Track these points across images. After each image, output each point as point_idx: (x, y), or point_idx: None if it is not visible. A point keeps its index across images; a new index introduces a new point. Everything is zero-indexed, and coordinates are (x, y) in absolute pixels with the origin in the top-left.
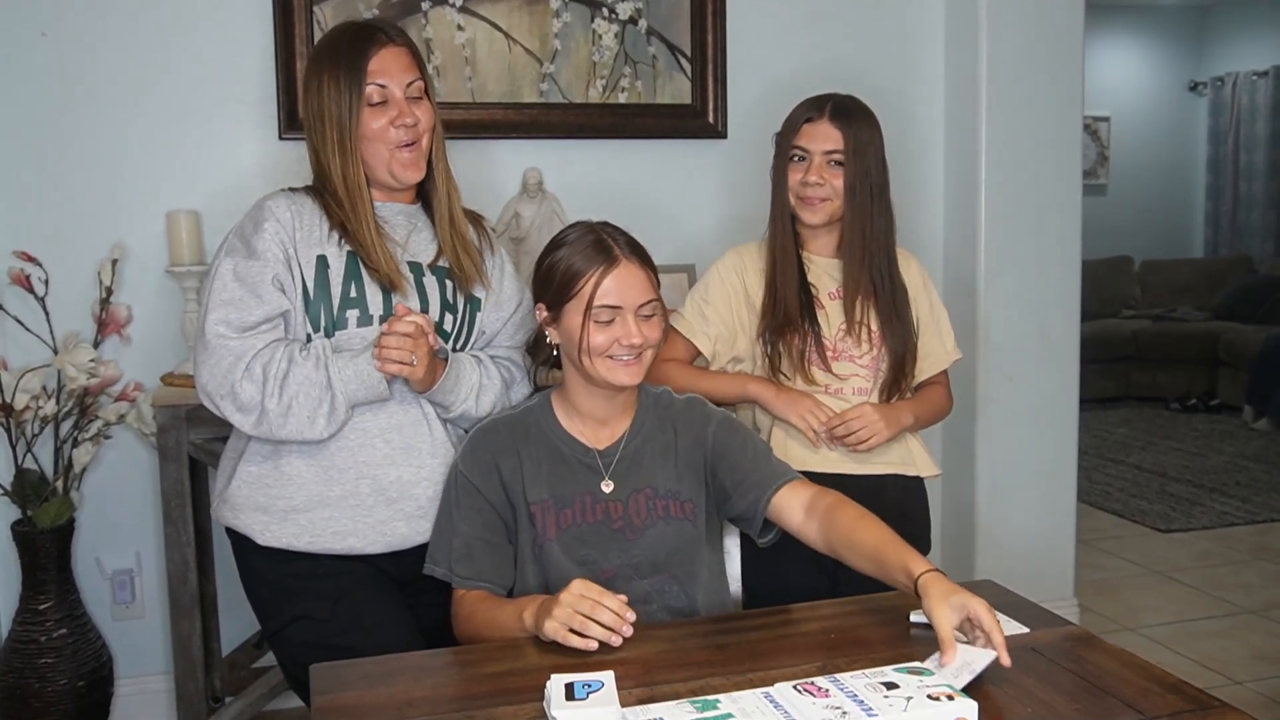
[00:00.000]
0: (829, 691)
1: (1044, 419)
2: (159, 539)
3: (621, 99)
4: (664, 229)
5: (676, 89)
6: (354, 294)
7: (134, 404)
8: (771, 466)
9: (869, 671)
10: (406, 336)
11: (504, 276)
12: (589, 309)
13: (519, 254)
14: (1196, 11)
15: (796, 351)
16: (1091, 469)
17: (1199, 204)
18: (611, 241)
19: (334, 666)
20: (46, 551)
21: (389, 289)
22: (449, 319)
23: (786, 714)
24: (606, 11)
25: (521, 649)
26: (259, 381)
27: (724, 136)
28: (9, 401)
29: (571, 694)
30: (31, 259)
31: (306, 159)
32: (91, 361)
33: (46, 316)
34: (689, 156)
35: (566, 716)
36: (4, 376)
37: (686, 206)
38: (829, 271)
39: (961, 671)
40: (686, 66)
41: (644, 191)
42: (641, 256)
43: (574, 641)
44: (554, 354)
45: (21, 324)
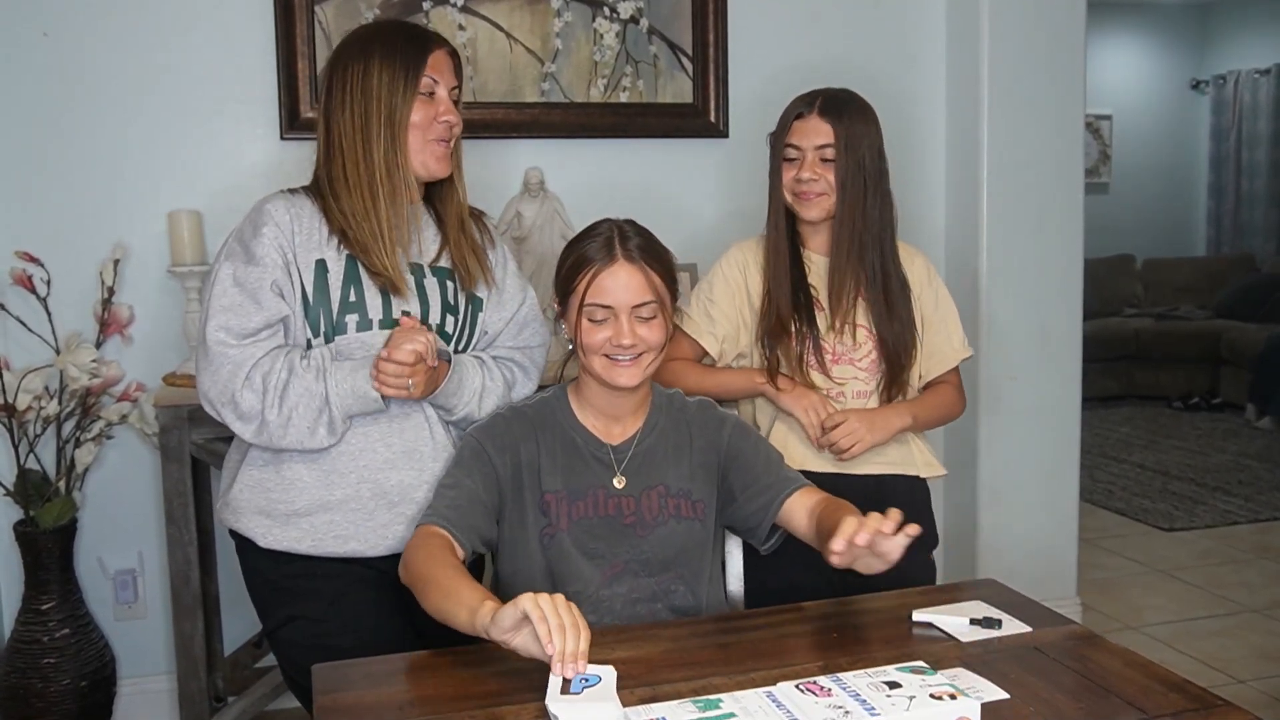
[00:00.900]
0: (831, 691)
1: (1046, 418)
2: (161, 539)
3: (623, 98)
4: (666, 228)
5: (678, 88)
6: (353, 298)
7: (136, 404)
8: (784, 472)
9: (871, 671)
10: (404, 365)
11: (506, 274)
12: (582, 305)
13: (520, 253)
14: (1198, 9)
15: (794, 355)
16: (1094, 468)
17: (1201, 202)
18: (618, 240)
19: (336, 666)
20: (49, 552)
21: (390, 292)
22: (450, 320)
23: (789, 713)
24: (608, 11)
25: None
26: (259, 392)
27: (725, 136)
28: (11, 402)
29: (569, 688)
30: (33, 259)
31: (309, 159)
32: (93, 362)
33: (48, 317)
34: (690, 156)
35: (564, 709)
36: (6, 377)
37: (688, 206)
38: (827, 270)
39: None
40: (688, 66)
41: (645, 191)
42: (650, 257)
43: (523, 632)
44: (570, 346)
45: (23, 324)
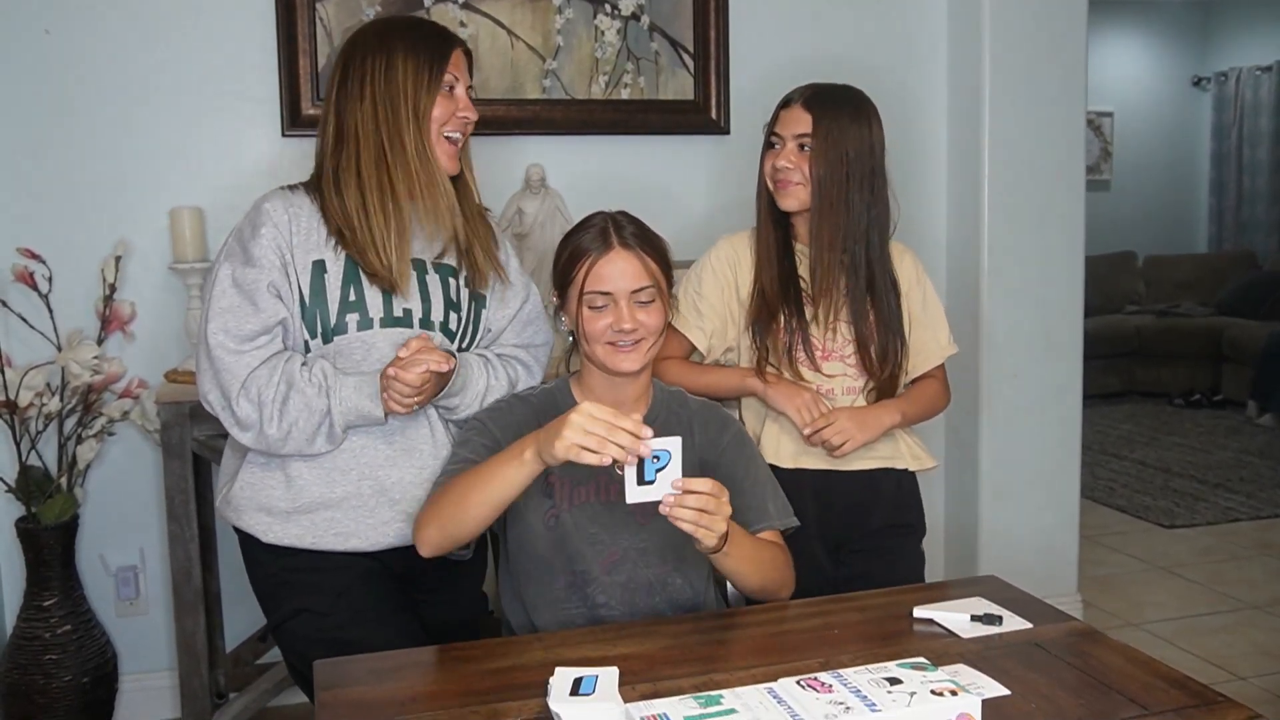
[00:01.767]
0: (832, 687)
1: (1047, 415)
2: (163, 535)
3: (624, 95)
4: (667, 224)
5: (679, 85)
6: (353, 297)
7: (137, 400)
8: (765, 503)
9: (872, 667)
10: (411, 386)
11: (509, 271)
12: (582, 293)
13: (522, 250)
14: (1200, 6)
15: (782, 345)
16: (1095, 464)
17: (1203, 199)
18: (613, 229)
19: (338, 662)
20: (50, 548)
21: (389, 291)
22: (454, 318)
23: (790, 709)
24: (609, 7)
25: (526, 646)
26: (255, 404)
27: (726, 132)
28: (13, 399)
29: (575, 689)
30: (35, 256)
31: (310, 155)
32: (95, 358)
33: (50, 313)
34: (692, 152)
35: (568, 711)
36: (8, 373)
37: (689, 202)
38: None
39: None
40: (689, 62)
41: (646, 187)
42: (645, 245)
43: (588, 458)
44: (571, 338)
45: (25, 321)
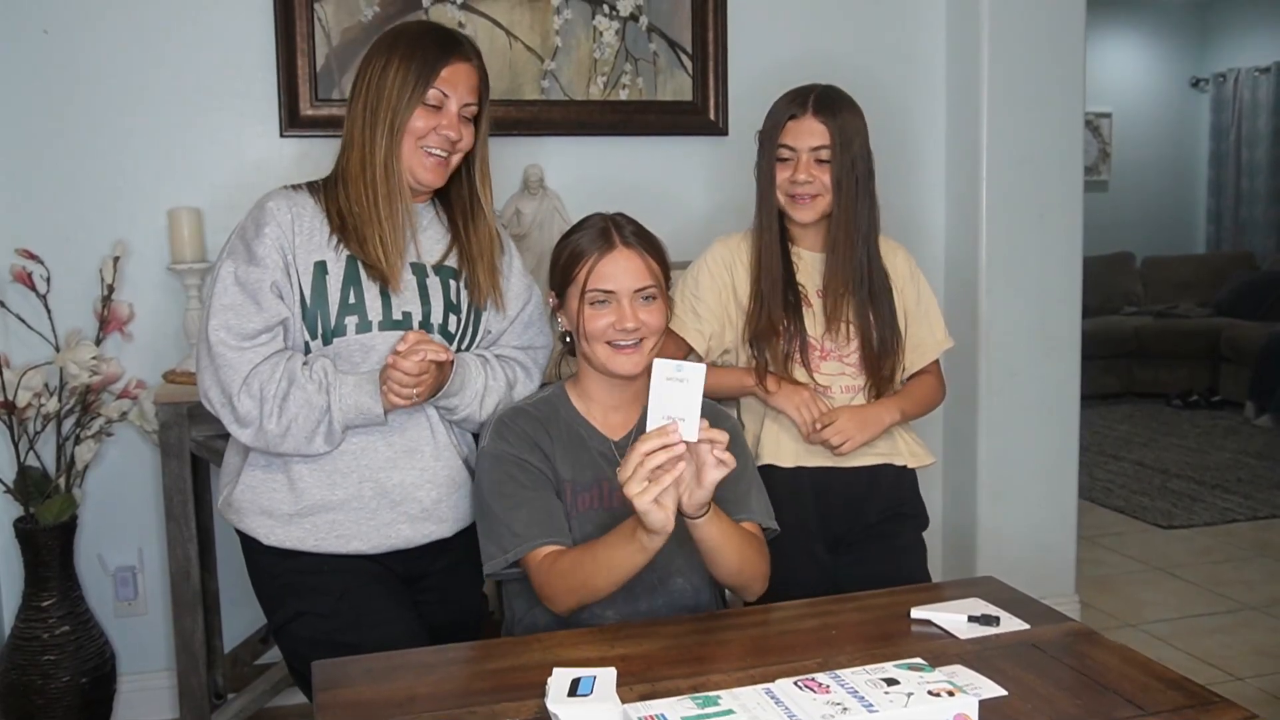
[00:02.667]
0: (830, 687)
1: (1045, 415)
2: (161, 536)
3: (622, 96)
4: (665, 225)
5: (677, 86)
6: (353, 300)
7: (136, 401)
8: (747, 498)
9: (870, 667)
10: (410, 375)
11: (511, 273)
12: (584, 292)
13: (520, 250)
14: (1198, 7)
15: (780, 352)
16: (1093, 465)
17: (1201, 200)
18: (613, 229)
19: (336, 663)
20: (49, 549)
21: (388, 289)
22: (453, 320)
23: (787, 710)
24: (607, 8)
25: (525, 645)
26: (257, 399)
27: (725, 133)
28: (11, 399)
29: (573, 690)
30: (33, 256)
31: (308, 156)
32: (93, 359)
33: (48, 314)
34: (690, 153)
35: (566, 712)
36: (6, 374)
37: (688, 203)
38: (817, 267)
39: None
40: (687, 63)
41: (645, 188)
42: (646, 244)
43: (661, 506)
44: (567, 340)
45: (24, 321)
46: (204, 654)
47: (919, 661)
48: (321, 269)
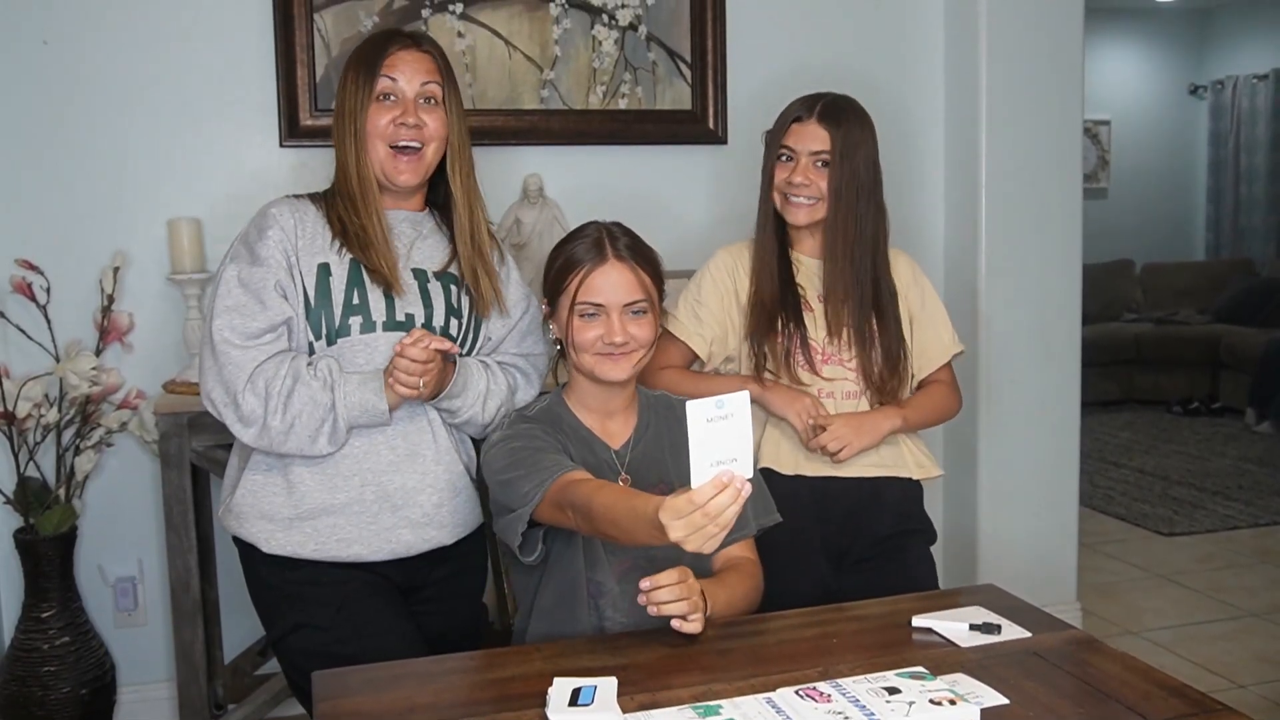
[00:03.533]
0: (831, 697)
1: (1046, 422)
2: (161, 546)
3: (622, 105)
4: (664, 235)
5: (676, 95)
6: (357, 300)
7: (136, 411)
8: (756, 504)
9: (871, 676)
10: (417, 363)
11: (510, 283)
12: (574, 304)
13: (520, 260)
14: (1197, 15)
15: (781, 352)
16: (1094, 472)
17: (1200, 207)
18: (608, 240)
19: (336, 673)
20: (49, 559)
21: (391, 293)
22: (455, 324)
23: (789, 719)
24: (606, 18)
25: (525, 655)
26: (261, 397)
27: (724, 142)
28: (11, 410)
29: (574, 700)
30: (33, 267)
31: (308, 166)
32: (93, 369)
33: (48, 324)
34: (689, 162)
35: None
36: (6, 385)
37: (687, 212)
38: (817, 273)
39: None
40: (686, 72)
41: (644, 197)
42: (639, 257)
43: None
44: (558, 347)
45: (23, 332)
46: (204, 664)
47: (920, 670)
48: (325, 270)
